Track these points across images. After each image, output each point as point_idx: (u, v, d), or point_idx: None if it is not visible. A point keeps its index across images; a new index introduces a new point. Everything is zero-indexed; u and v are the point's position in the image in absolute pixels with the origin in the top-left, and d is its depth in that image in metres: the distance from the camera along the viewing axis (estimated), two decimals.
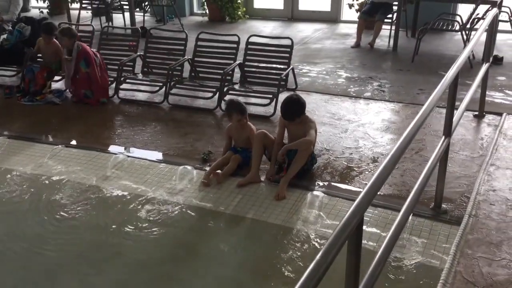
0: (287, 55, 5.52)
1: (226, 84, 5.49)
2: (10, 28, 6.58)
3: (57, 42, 5.81)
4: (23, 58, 5.94)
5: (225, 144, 4.21)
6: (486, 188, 3.57)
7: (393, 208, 3.43)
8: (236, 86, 5.55)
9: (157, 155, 4.37)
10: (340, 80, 6.18)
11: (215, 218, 3.54)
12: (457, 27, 6.91)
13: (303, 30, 8.86)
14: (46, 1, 10.47)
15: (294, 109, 3.80)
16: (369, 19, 7.84)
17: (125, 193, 3.84)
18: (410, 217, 3.22)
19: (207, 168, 4.00)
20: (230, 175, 3.92)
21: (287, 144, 3.84)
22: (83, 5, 9.31)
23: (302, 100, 3.86)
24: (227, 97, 5.21)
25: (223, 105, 5.30)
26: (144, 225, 3.49)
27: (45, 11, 10.35)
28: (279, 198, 3.63)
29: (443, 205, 3.44)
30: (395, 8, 7.82)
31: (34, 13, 10.14)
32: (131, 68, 6.00)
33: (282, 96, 4.30)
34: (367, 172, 3.93)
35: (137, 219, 3.55)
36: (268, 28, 9.00)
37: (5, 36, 6.54)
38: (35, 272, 3.14)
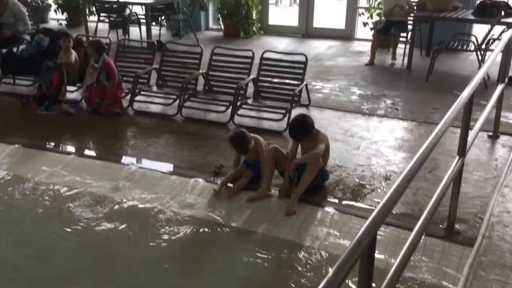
0: (301, 71, 5.54)
1: (239, 98, 5.51)
2: (29, 38, 6.71)
3: (73, 51, 5.92)
4: (40, 68, 6.03)
5: (235, 156, 4.23)
6: (500, 209, 3.52)
7: (405, 227, 3.38)
8: (249, 101, 5.57)
9: (169, 167, 4.38)
10: (353, 97, 6.18)
11: (225, 231, 3.52)
12: (472, 47, 6.88)
13: (317, 47, 8.90)
14: (65, 13, 10.67)
15: (299, 130, 3.81)
16: (384, 37, 7.86)
17: (136, 204, 3.84)
18: (423, 237, 3.15)
19: (219, 181, 4.01)
20: (241, 190, 3.93)
21: (296, 159, 3.85)
22: (101, 18, 9.48)
23: (308, 121, 3.82)
24: (239, 114, 5.23)
25: (236, 119, 5.34)
26: (154, 236, 3.49)
27: (64, 23, 10.54)
28: (289, 213, 3.61)
29: (456, 226, 3.39)
30: (410, 27, 7.85)
31: (52, 24, 10.33)
32: (146, 81, 6.05)
33: (295, 112, 4.30)
34: (379, 190, 3.91)
35: (147, 230, 3.55)
36: (282, 44, 9.06)
37: (23, 46, 6.67)
38: (43, 282, 3.14)
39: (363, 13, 9.14)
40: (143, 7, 9.07)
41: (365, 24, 9.06)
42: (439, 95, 6.19)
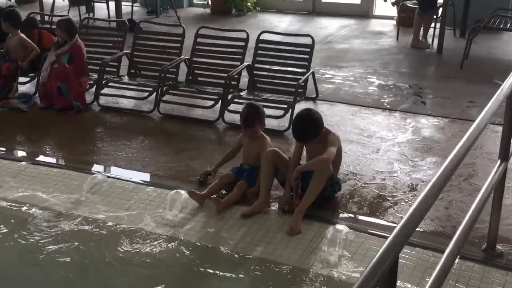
0: (307, 56, 5.55)
1: (230, 90, 5.51)
2: None
3: (23, 35, 5.91)
4: None
5: (231, 150, 4.30)
6: None
7: (435, 248, 3.39)
8: (243, 94, 5.58)
9: (144, 176, 4.38)
10: (371, 88, 6.19)
11: (213, 256, 3.52)
12: None
13: (327, 27, 8.93)
14: None
15: (305, 129, 3.83)
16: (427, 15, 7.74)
17: (103, 223, 3.84)
18: (457, 260, 3.19)
19: (203, 192, 4.01)
20: (233, 204, 3.93)
21: (300, 166, 3.86)
22: None
23: (316, 118, 3.84)
24: (234, 107, 5.26)
25: (226, 117, 5.34)
26: (124, 264, 3.47)
27: None
28: (293, 232, 3.62)
29: (498, 246, 3.40)
30: (440, 0, 7.85)
31: (0, 2, 10.33)
32: (115, 69, 6.05)
33: (300, 107, 4.31)
34: (403, 203, 3.93)
35: (116, 256, 3.54)
36: (283, 23, 9.09)
37: None
38: None
39: None
40: None
41: None
42: (477, 85, 6.21)
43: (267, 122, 4.23)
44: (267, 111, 5.28)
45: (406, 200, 3.96)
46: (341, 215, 3.81)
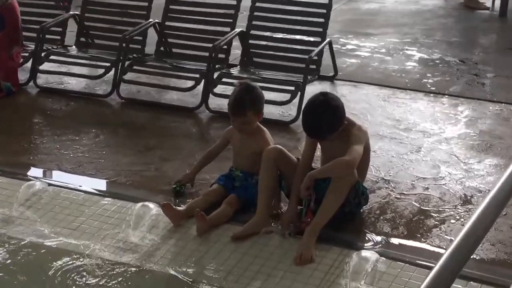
0: (322, 20, 5.55)
1: (217, 67, 5.51)
2: None
3: None
4: None
5: (211, 148, 4.32)
6: None
7: (497, 283, 3.39)
8: (235, 71, 5.59)
9: (99, 184, 4.40)
10: (410, 64, 6.21)
11: None
12: None
13: None
14: None
15: (320, 121, 3.83)
16: None
17: (42, 247, 3.81)
18: None
19: (181, 208, 4.02)
20: (221, 223, 3.94)
21: (314, 170, 3.85)
22: None
23: (335, 104, 3.85)
24: (221, 89, 5.24)
25: (211, 102, 5.33)
26: None
27: None
28: (303, 261, 3.61)
29: None
30: None
31: None
32: (58, 37, 6.05)
33: (312, 89, 4.33)
34: (453, 221, 3.94)
35: None
36: None
37: None
38: None
39: None
40: None
41: None
42: None
43: (267, 109, 4.21)
44: (268, 95, 5.19)
45: (458, 217, 3.97)
46: (368, 237, 3.82)
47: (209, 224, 3.89)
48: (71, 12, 6.11)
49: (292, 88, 5.22)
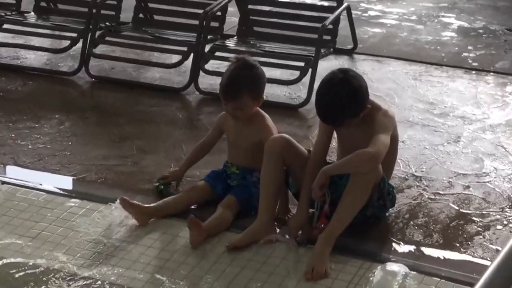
0: None
1: (209, 38, 5.65)
2: None
3: None
4: None
5: (203, 140, 4.39)
6: None
7: None
8: (231, 42, 5.74)
9: (64, 182, 4.51)
10: (446, 34, 6.35)
11: None
12: None
13: None
14: None
15: (337, 104, 3.87)
16: None
17: None
18: None
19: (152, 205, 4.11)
20: (218, 230, 4.04)
21: (330, 165, 3.91)
22: None
23: (356, 83, 3.88)
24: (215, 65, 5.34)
25: (202, 82, 5.48)
26: None
27: None
28: (315, 276, 3.68)
29: None
30: None
31: None
32: (13, 1, 6.21)
33: (326, 65, 4.42)
34: (499, 227, 4.04)
35: None
36: None
37: None
38: None
39: None
40: None
41: None
42: None
43: (272, 90, 4.19)
44: (273, 72, 5.35)
45: (505, 222, 4.06)
46: (395, 247, 3.91)
47: (206, 232, 3.96)
48: None
49: (302, 64, 5.30)
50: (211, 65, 5.58)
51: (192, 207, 4.23)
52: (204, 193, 4.20)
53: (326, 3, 5.81)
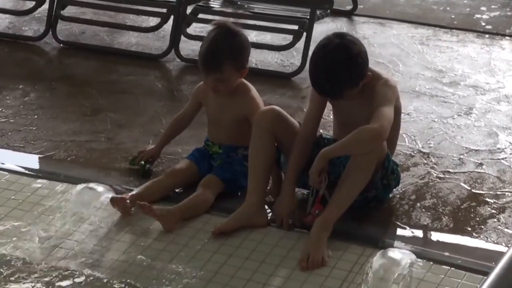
0: None
1: None
2: None
3: None
4: None
5: (179, 114, 4.30)
6: None
7: None
8: (216, 3, 5.61)
9: (29, 160, 4.41)
10: None
11: None
12: None
13: None
14: None
15: (335, 72, 3.79)
16: None
17: None
18: None
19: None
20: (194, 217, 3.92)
21: (329, 148, 3.78)
22: None
23: (355, 49, 3.81)
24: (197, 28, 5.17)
25: (183, 47, 5.33)
26: None
27: None
28: (311, 265, 3.58)
29: None
30: None
31: None
32: None
33: (322, 29, 4.24)
34: None
35: None
36: None
37: None
38: None
39: None
40: None
41: None
42: None
43: (262, 57, 4.12)
44: (263, 37, 5.40)
45: None
46: (400, 232, 3.81)
47: (177, 217, 3.89)
48: None
49: (295, 27, 5.22)
50: (194, 28, 5.48)
51: (177, 190, 4.14)
52: (190, 174, 4.13)
53: None
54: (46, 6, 5.69)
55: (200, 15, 5.49)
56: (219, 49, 3.98)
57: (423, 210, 3.95)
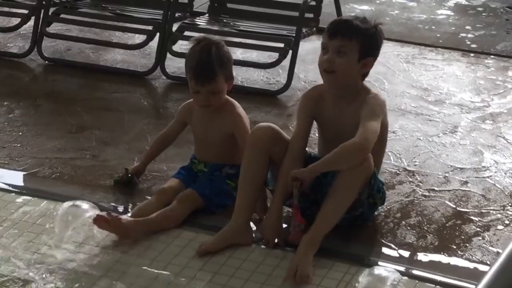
0: None
1: (177, 15, 5.61)
2: None
3: None
4: None
5: (166, 129, 4.32)
6: None
7: None
8: (201, 21, 5.68)
9: (13, 177, 4.44)
10: (442, 12, 6.32)
11: None
12: None
13: None
14: None
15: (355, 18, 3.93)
16: None
17: None
18: None
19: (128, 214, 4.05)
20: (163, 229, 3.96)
21: (316, 163, 3.82)
22: None
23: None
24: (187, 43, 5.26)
25: (169, 65, 5.39)
26: None
27: None
28: (298, 280, 3.60)
29: None
30: None
31: None
32: None
33: (308, 47, 4.31)
34: (500, 227, 3.99)
35: None
36: None
37: None
38: None
39: None
40: None
41: None
42: None
43: (248, 75, 4.15)
44: (248, 55, 5.42)
45: (507, 222, 4.02)
46: (385, 250, 3.86)
47: (138, 228, 3.88)
48: None
49: (281, 45, 5.27)
50: (179, 46, 5.51)
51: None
52: (179, 193, 4.09)
53: None
54: (31, 23, 5.73)
55: (186, 33, 5.52)
56: (211, 60, 4.02)
57: (408, 228, 4.00)
